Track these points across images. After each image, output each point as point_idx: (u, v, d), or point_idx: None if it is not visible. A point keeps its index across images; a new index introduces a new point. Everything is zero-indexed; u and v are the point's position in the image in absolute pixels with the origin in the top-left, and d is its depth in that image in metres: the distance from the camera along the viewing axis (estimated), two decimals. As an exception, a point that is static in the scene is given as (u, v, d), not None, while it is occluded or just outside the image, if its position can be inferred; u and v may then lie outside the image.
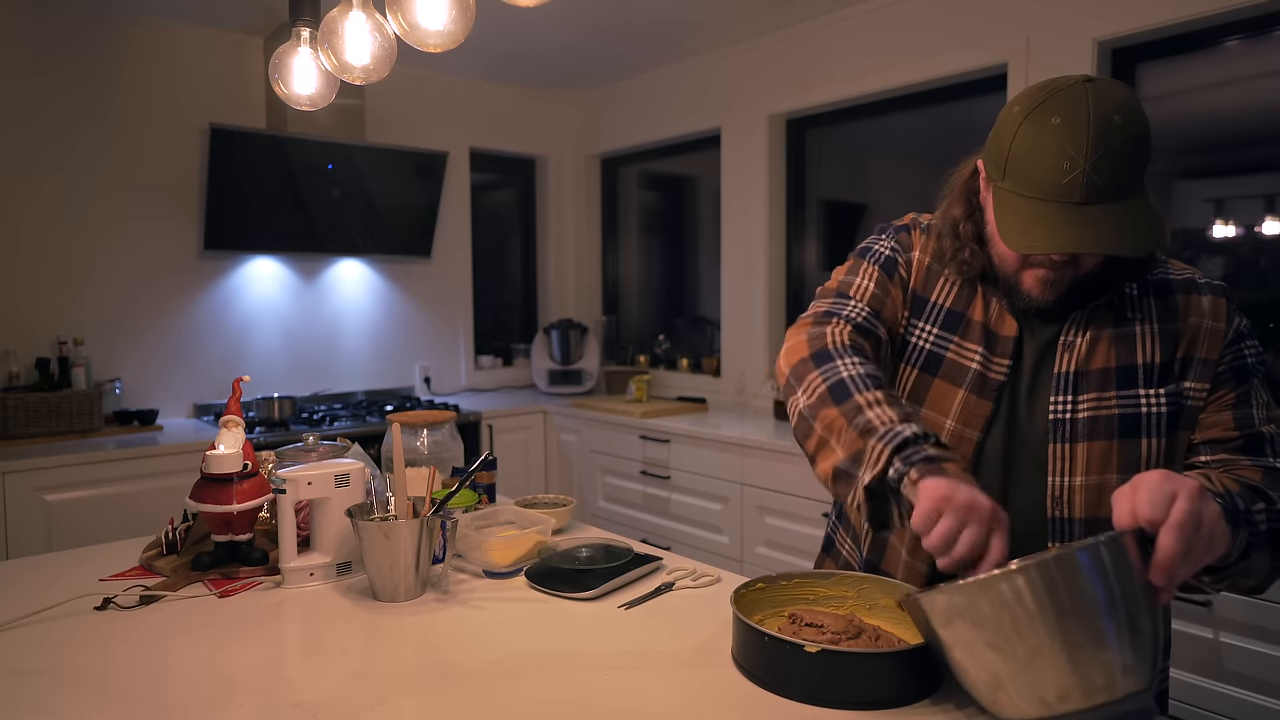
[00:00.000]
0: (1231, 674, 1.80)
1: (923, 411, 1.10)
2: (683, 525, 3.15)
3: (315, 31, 1.61)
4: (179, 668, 1.00)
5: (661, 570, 1.34)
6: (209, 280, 3.32)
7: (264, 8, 3.06)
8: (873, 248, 1.18)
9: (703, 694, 0.92)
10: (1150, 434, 1.02)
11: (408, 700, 0.91)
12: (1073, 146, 0.89)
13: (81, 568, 1.36)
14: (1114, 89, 0.92)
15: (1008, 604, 0.75)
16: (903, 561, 1.13)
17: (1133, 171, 0.91)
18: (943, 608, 0.80)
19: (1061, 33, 2.52)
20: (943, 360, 1.10)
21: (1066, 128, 0.90)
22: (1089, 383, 1.03)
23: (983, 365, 1.07)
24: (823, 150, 3.48)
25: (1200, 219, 2.44)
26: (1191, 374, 1.03)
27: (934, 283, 1.13)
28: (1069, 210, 0.90)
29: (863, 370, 0.99)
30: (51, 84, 2.95)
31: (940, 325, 1.11)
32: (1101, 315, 1.05)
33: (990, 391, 1.06)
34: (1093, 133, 0.88)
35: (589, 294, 4.47)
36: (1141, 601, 0.76)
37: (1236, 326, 1.04)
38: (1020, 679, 0.76)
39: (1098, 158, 0.88)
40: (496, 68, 3.85)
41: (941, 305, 1.11)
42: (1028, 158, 0.93)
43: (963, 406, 1.07)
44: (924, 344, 1.12)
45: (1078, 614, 0.74)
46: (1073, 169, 0.89)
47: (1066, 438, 1.03)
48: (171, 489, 2.67)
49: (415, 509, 1.26)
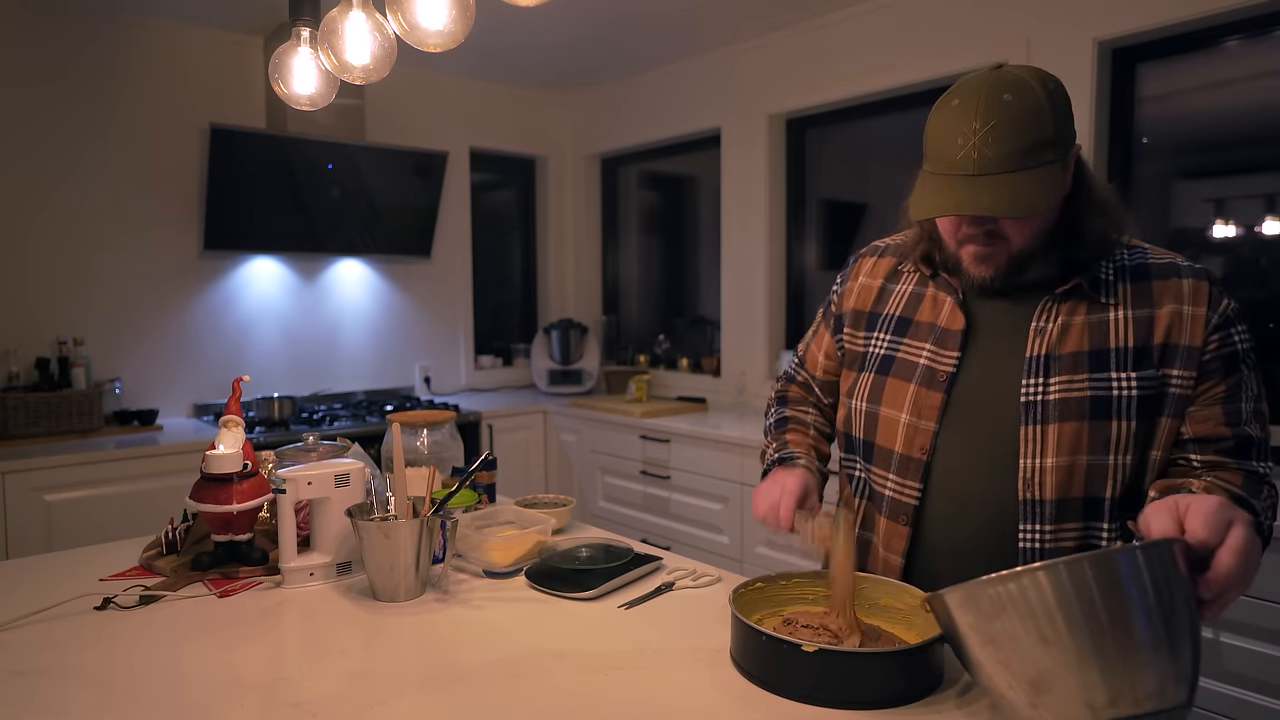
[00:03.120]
0: (1231, 674, 1.80)
1: (880, 410, 1.17)
2: (683, 525, 3.15)
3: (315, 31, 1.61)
4: (179, 668, 1.00)
5: (661, 570, 1.34)
6: (209, 280, 3.32)
7: (264, 8, 3.06)
8: (828, 299, 1.35)
9: (702, 694, 0.92)
10: (1121, 416, 1.02)
11: (408, 700, 0.91)
12: (965, 124, 0.98)
13: (81, 568, 1.36)
14: (1016, 72, 1.00)
15: (1068, 595, 0.73)
16: (880, 557, 1.17)
17: (1025, 143, 0.97)
18: (992, 598, 0.77)
19: (1061, 33, 2.52)
20: (894, 360, 1.17)
21: (962, 108, 0.99)
22: (1060, 365, 1.05)
23: (930, 359, 1.13)
24: (823, 150, 3.48)
25: (1200, 219, 2.44)
26: (1177, 362, 1.03)
27: (886, 297, 1.23)
28: (964, 180, 0.98)
29: (773, 419, 1.37)
30: (52, 85, 2.95)
31: (891, 332, 1.20)
32: (1074, 300, 1.06)
33: (939, 384, 1.11)
34: (982, 110, 0.97)
35: (589, 294, 4.47)
36: (1185, 612, 0.75)
37: (1222, 310, 1.03)
38: (1070, 678, 0.73)
39: (985, 132, 0.96)
40: (497, 67, 3.85)
41: (893, 315, 1.21)
42: (934, 138, 1.03)
43: (914, 400, 1.13)
44: (878, 350, 1.20)
45: (1120, 611, 0.72)
46: (965, 144, 0.98)
47: (1038, 419, 1.04)
48: (171, 489, 2.67)
49: (415, 509, 1.26)
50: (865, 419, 1.18)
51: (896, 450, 1.13)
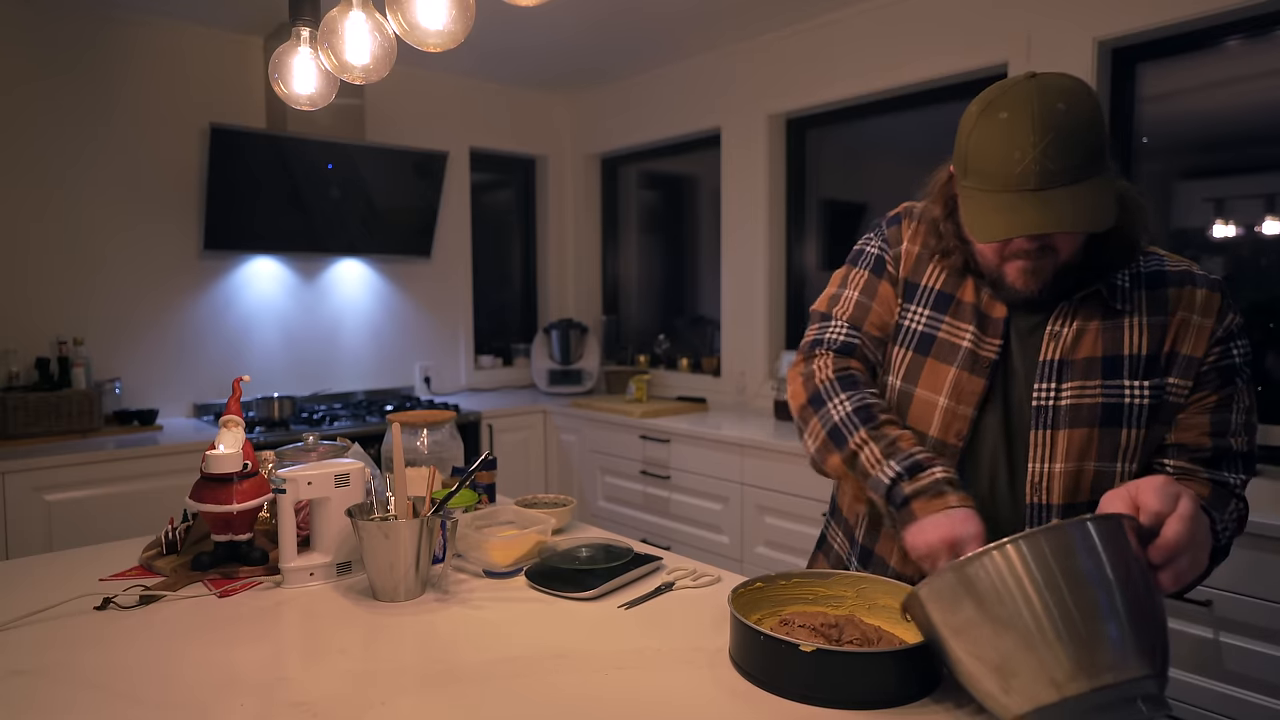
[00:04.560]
0: (1231, 674, 1.80)
1: (916, 390, 1.13)
2: (683, 525, 3.15)
3: (315, 31, 1.61)
4: (179, 668, 1.00)
5: (661, 570, 1.34)
6: (209, 280, 3.32)
7: (264, 8, 3.06)
8: (864, 250, 1.23)
9: (702, 694, 0.92)
10: (1130, 424, 1.03)
11: (408, 700, 0.91)
12: (1021, 137, 0.94)
13: (81, 568, 1.36)
14: (1058, 79, 0.96)
15: (1008, 573, 0.76)
16: (897, 548, 1.15)
17: (1084, 153, 0.94)
18: (950, 585, 0.79)
19: (1061, 33, 2.52)
20: (934, 340, 1.13)
21: (1014, 120, 0.94)
22: (1073, 371, 1.05)
23: (974, 343, 1.09)
24: (823, 150, 3.48)
25: (1200, 219, 2.44)
26: (1176, 370, 1.03)
27: (924, 268, 1.16)
28: (1027, 196, 0.94)
29: (849, 408, 1.11)
30: (52, 85, 2.95)
31: (931, 307, 1.14)
32: (1089, 306, 1.06)
33: (982, 369, 1.08)
34: (1038, 121, 0.93)
35: (589, 294, 4.47)
36: (1141, 583, 0.77)
37: (1227, 325, 1.04)
38: (1029, 656, 0.74)
39: (1046, 144, 0.92)
40: (496, 67, 3.85)
41: (932, 288, 1.15)
42: (983, 154, 0.98)
43: (955, 383, 1.10)
44: (916, 326, 1.15)
45: (1076, 583, 0.74)
46: (1024, 158, 0.93)
47: (1048, 424, 1.04)
48: (171, 489, 2.67)
49: (415, 509, 1.26)
50: (898, 398, 1.15)
51: (931, 434, 1.11)
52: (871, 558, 1.21)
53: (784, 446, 2.74)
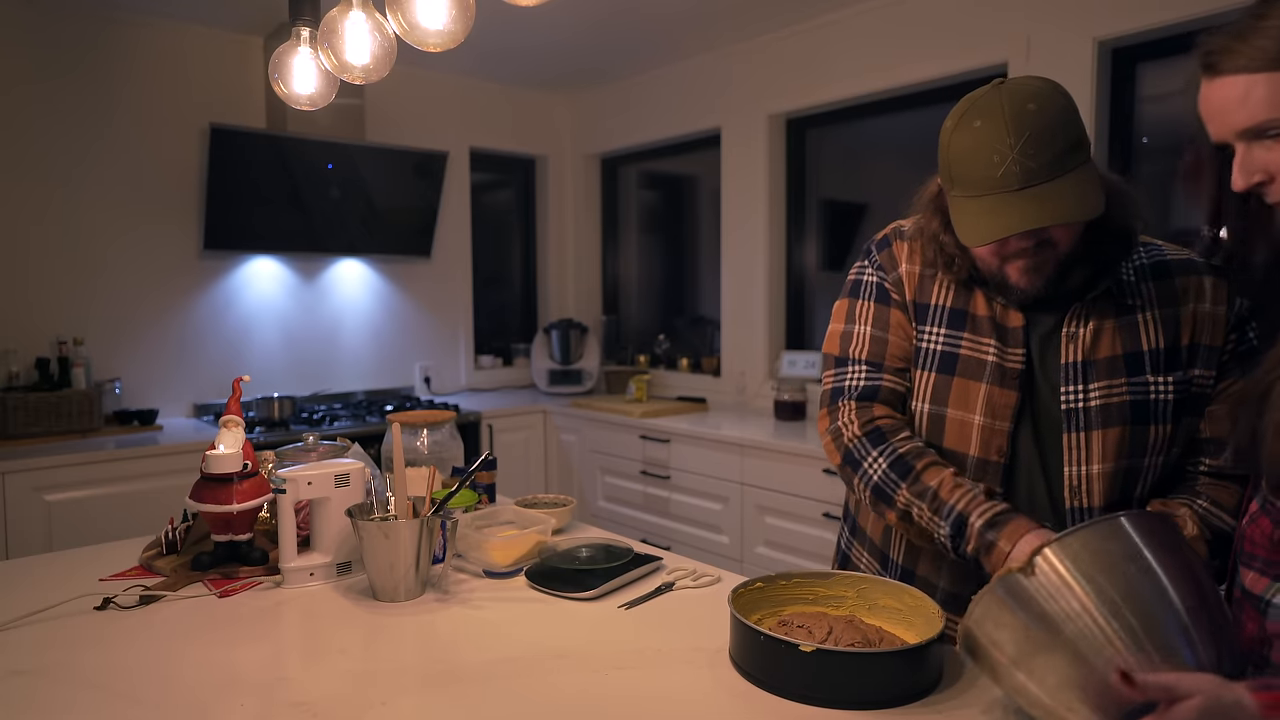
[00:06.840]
0: (1231, 674, 1.80)
1: (947, 412, 1.11)
2: (683, 525, 3.15)
3: (315, 31, 1.61)
4: (179, 668, 1.00)
5: (661, 570, 1.34)
6: (209, 280, 3.32)
7: (264, 8, 3.06)
8: (861, 280, 1.21)
9: (702, 694, 0.92)
10: (1158, 420, 1.04)
11: (408, 700, 0.91)
12: (998, 140, 0.96)
13: (81, 568, 1.36)
14: (1026, 82, 0.99)
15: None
16: (946, 567, 1.13)
17: (1062, 147, 0.95)
18: (1074, 553, 0.78)
19: (1061, 33, 2.52)
20: (957, 358, 1.11)
21: (988, 126, 0.97)
22: (1098, 371, 1.05)
23: (999, 356, 1.09)
24: (823, 150, 3.48)
25: (1200, 219, 2.44)
26: (1199, 362, 1.05)
27: (929, 286, 1.15)
28: (1013, 196, 0.95)
29: (884, 466, 1.10)
30: (53, 85, 2.95)
31: (946, 325, 1.13)
32: (1102, 304, 1.06)
33: (1012, 381, 1.08)
34: (1011, 124, 0.95)
35: (589, 294, 4.47)
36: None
37: (1239, 310, 1.05)
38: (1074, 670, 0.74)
39: (1022, 143, 0.94)
40: (496, 67, 3.85)
41: (943, 305, 1.13)
42: (964, 162, 0.99)
43: (988, 400, 1.08)
44: (935, 346, 1.13)
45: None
46: (1003, 160, 0.95)
47: (1081, 426, 1.04)
48: (171, 489, 2.67)
49: (415, 509, 1.26)
50: (929, 421, 1.13)
51: (972, 454, 1.09)
52: (914, 579, 1.17)
53: (784, 446, 2.74)
